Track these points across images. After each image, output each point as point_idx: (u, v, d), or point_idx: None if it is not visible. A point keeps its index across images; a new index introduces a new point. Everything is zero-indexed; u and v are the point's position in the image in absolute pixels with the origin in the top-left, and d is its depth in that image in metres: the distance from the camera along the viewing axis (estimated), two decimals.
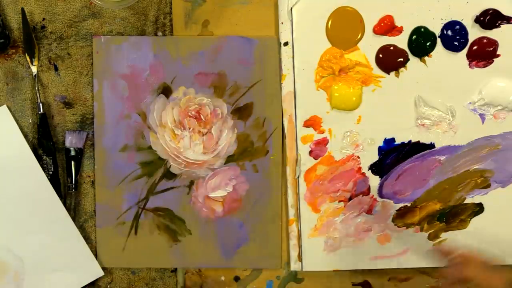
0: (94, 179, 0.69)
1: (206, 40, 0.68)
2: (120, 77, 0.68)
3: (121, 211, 0.68)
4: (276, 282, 0.70)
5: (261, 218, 0.69)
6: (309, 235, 0.68)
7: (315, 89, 0.67)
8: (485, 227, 0.68)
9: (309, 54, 0.67)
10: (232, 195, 0.69)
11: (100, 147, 0.68)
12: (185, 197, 0.69)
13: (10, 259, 0.67)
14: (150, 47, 0.67)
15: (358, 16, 0.67)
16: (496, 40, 0.67)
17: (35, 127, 0.68)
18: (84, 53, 0.68)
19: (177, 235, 0.69)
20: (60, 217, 0.68)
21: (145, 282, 0.70)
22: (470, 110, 0.68)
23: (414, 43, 0.67)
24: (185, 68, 0.68)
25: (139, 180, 0.68)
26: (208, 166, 0.68)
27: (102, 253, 0.69)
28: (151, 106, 0.68)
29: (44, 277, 0.68)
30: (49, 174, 0.67)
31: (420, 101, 0.67)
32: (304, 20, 0.67)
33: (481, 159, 0.68)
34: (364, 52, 0.67)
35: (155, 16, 0.68)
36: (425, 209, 0.68)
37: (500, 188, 0.68)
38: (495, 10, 0.66)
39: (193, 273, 0.70)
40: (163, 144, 0.68)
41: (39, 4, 0.68)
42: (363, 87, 0.67)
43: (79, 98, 0.69)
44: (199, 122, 0.68)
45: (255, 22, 0.68)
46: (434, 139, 0.68)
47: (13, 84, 0.68)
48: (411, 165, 0.68)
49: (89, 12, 0.68)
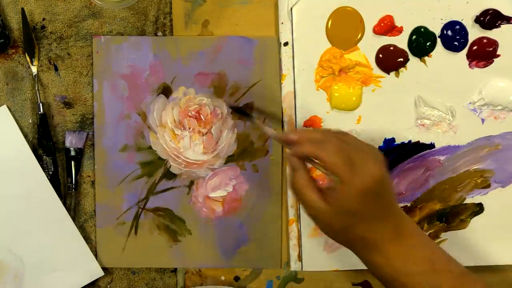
0: (94, 179, 0.69)
1: (206, 40, 0.68)
2: (120, 77, 0.68)
3: (121, 211, 0.68)
4: (276, 282, 0.70)
5: (261, 218, 0.69)
6: (309, 235, 0.68)
7: (315, 89, 0.67)
8: (485, 227, 0.68)
9: (309, 54, 0.67)
10: (232, 195, 0.69)
11: (100, 147, 0.68)
12: (185, 197, 0.69)
13: (10, 259, 0.67)
14: (150, 47, 0.67)
15: (358, 16, 0.67)
16: (496, 40, 0.67)
17: (35, 127, 0.68)
18: (84, 53, 0.68)
19: (177, 235, 0.69)
20: (60, 217, 0.68)
21: (145, 282, 0.70)
22: (470, 110, 0.68)
23: (414, 43, 0.67)
24: (185, 68, 0.68)
25: (139, 180, 0.68)
26: (208, 166, 0.68)
27: (102, 253, 0.69)
28: (151, 106, 0.68)
29: (44, 277, 0.68)
30: (49, 174, 0.67)
31: (420, 101, 0.67)
32: (304, 20, 0.67)
33: (481, 159, 0.68)
34: (364, 52, 0.67)
35: (155, 16, 0.68)
36: (425, 209, 0.68)
37: (500, 188, 0.68)
38: (495, 10, 0.66)
39: (193, 273, 0.70)
40: (163, 144, 0.68)
41: (39, 4, 0.68)
42: (363, 87, 0.67)
43: (79, 98, 0.69)
44: (199, 122, 0.68)
45: (255, 22, 0.68)
46: (434, 139, 0.68)
47: (13, 84, 0.68)
48: (411, 165, 0.68)
49: (89, 12, 0.68)
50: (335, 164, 0.53)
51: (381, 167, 0.54)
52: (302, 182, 0.56)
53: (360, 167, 0.53)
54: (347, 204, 0.53)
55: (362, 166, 0.53)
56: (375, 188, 0.53)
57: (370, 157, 0.54)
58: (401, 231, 0.54)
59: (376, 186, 0.53)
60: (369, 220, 0.54)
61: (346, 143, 0.55)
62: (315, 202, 0.55)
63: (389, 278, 0.55)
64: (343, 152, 0.53)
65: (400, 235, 0.54)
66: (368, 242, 0.54)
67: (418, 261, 0.54)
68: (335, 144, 0.54)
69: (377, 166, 0.53)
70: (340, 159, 0.53)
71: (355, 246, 0.56)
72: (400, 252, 0.54)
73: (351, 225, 0.54)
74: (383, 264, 0.54)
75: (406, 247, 0.54)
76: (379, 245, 0.54)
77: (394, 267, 0.54)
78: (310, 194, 0.55)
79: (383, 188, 0.54)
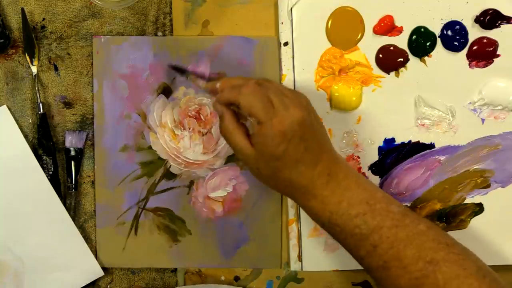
0: (94, 179, 0.69)
1: (206, 40, 0.68)
2: (120, 77, 0.68)
3: (121, 211, 0.68)
4: (276, 282, 0.70)
5: (261, 218, 0.69)
6: (309, 235, 0.68)
7: (315, 89, 0.67)
8: (485, 227, 0.68)
9: (309, 54, 0.67)
10: (232, 195, 0.69)
11: (100, 147, 0.68)
12: (185, 197, 0.69)
13: (10, 259, 0.67)
14: (150, 47, 0.67)
15: (358, 16, 0.67)
16: (496, 40, 0.67)
17: (35, 127, 0.68)
18: (84, 53, 0.68)
19: (177, 235, 0.69)
20: (60, 217, 0.68)
21: (145, 282, 0.70)
22: (470, 110, 0.68)
23: (414, 43, 0.67)
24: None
25: (139, 180, 0.68)
26: (208, 166, 0.68)
27: (102, 253, 0.69)
28: (151, 106, 0.68)
29: (44, 277, 0.68)
30: (49, 174, 0.67)
31: (420, 101, 0.67)
32: (304, 20, 0.67)
33: (481, 159, 0.68)
34: (364, 52, 0.67)
35: (155, 16, 0.68)
36: (425, 209, 0.68)
37: (500, 188, 0.68)
38: (495, 10, 0.66)
39: (193, 273, 0.70)
40: (163, 144, 0.68)
41: (39, 4, 0.68)
42: (363, 87, 0.67)
43: (79, 98, 0.69)
44: (199, 122, 0.68)
45: (255, 22, 0.68)
46: (434, 139, 0.68)
47: (13, 84, 0.68)
48: (411, 165, 0.68)
49: (89, 12, 0.68)
50: (251, 106, 0.53)
51: (303, 110, 0.53)
52: (229, 126, 0.56)
53: (279, 109, 0.53)
54: (268, 147, 0.53)
55: (281, 108, 0.53)
56: (297, 131, 0.52)
57: (291, 101, 0.54)
58: (335, 175, 0.54)
59: (299, 128, 0.52)
60: (296, 164, 0.53)
61: (265, 87, 0.55)
62: (241, 147, 0.55)
63: (327, 222, 0.55)
64: (261, 94, 0.53)
65: (334, 179, 0.54)
66: (299, 186, 0.54)
67: (355, 203, 0.53)
68: (252, 87, 0.54)
69: (299, 109, 0.53)
70: (257, 101, 0.53)
71: (289, 192, 0.56)
72: (335, 195, 0.54)
73: (278, 169, 0.54)
74: (319, 209, 0.54)
75: (341, 190, 0.54)
76: (312, 190, 0.54)
77: (331, 211, 0.54)
78: (237, 139, 0.55)
79: (308, 132, 0.53)
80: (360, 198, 0.54)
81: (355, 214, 0.53)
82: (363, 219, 0.53)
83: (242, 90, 0.54)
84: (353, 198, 0.54)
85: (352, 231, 0.53)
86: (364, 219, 0.53)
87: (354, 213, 0.53)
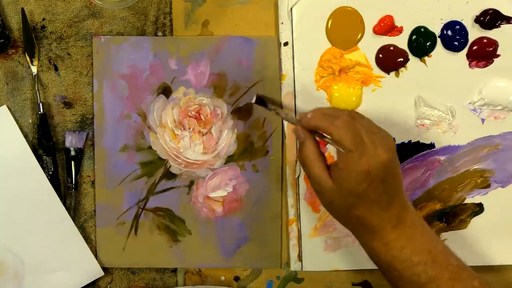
0: (94, 179, 0.69)
1: (206, 40, 0.68)
2: (120, 77, 0.68)
3: (121, 211, 0.68)
4: (276, 282, 0.70)
5: (261, 218, 0.69)
6: (309, 235, 0.68)
7: (315, 89, 0.67)
8: (485, 227, 0.68)
9: (309, 54, 0.67)
10: (232, 195, 0.69)
11: (100, 147, 0.68)
12: (185, 197, 0.69)
13: (10, 259, 0.67)
14: (150, 47, 0.67)
15: (358, 16, 0.67)
16: (496, 40, 0.67)
17: (35, 127, 0.68)
18: (84, 53, 0.68)
19: (177, 235, 0.69)
20: (60, 217, 0.68)
21: (145, 282, 0.70)
22: (470, 110, 0.68)
23: (414, 43, 0.67)
24: (185, 68, 0.68)
25: (139, 180, 0.68)
26: (208, 166, 0.68)
27: (102, 253, 0.69)
28: (151, 106, 0.68)
29: (44, 277, 0.68)
30: (49, 174, 0.67)
31: (420, 101, 0.67)
32: (304, 20, 0.67)
33: (481, 159, 0.68)
34: (364, 52, 0.67)
35: (155, 16, 0.68)
36: (425, 209, 0.68)
37: (500, 188, 0.68)
38: (495, 10, 0.66)
39: (193, 273, 0.70)
40: (163, 144, 0.68)
41: (39, 4, 0.68)
42: (363, 87, 0.67)
43: (79, 98, 0.69)
44: (199, 122, 0.68)
45: (255, 22, 0.68)
46: (434, 139, 0.68)
47: (13, 84, 0.68)
48: (411, 165, 0.68)
49: (89, 12, 0.68)
50: (342, 139, 0.52)
51: (389, 153, 0.53)
52: (310, 155, 0.55)
53: (368, 148, 0.52)
54: (349, 183, 0.52)
55: (370, 148, 0.52)
56: (381, 173, 0.52)
57: (380, 141, 0.53)
58: (404, 221, 0.54)
59: (383, 171, 0.52)
60: (371, 204, 0.53)
61: (358, 122, 0.54)
62: (320, 177, 0.54)
63: (387, 265, 0.55)
64: (353, 130, 0.53)
65: (402, 224, 0.54)
66: (369, 226, 0.54)
67: (417, 251, 0.54)
68: (346, 120, 0.53)
69: (386, 151, 0.53)
70: (349, 136, 0.52)
71: (355, 229, 0.56)
72: (400, 241, 0.54)
73: (353, 206, 0.53)
74: (382, 251, 0.54)
75: (406, 236, 0.54)
76: (380, 231, 0.54)
77: (393, 255, 0.54)
78: (316, 169, 0.54)
79: (390, 175, 0.53)
80: (423, 247, 0.54)
81: (416, 262, 0.54)
82: (424, 269, 0.53)
83: (336, 122, 0.53)
84: (417, 246, 0.54)
85: (410, 277, 0.54)
86: (425, 268, 0.53)
87: (416, 261, 0.54)
